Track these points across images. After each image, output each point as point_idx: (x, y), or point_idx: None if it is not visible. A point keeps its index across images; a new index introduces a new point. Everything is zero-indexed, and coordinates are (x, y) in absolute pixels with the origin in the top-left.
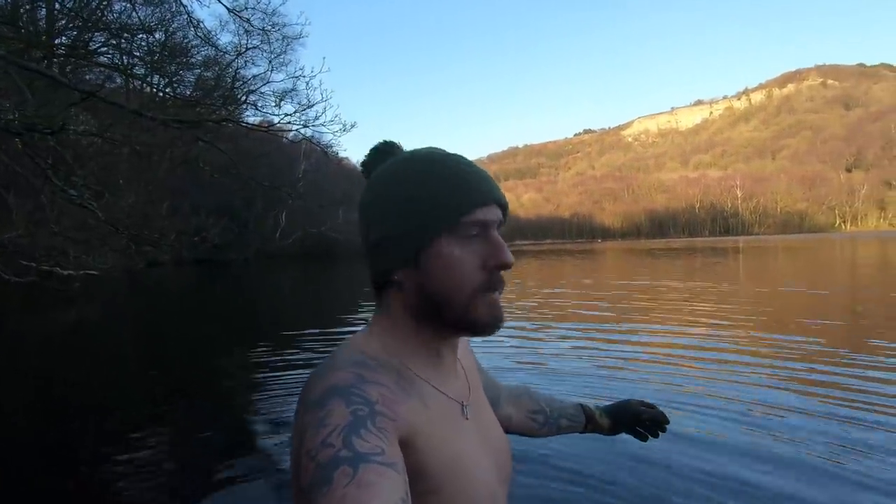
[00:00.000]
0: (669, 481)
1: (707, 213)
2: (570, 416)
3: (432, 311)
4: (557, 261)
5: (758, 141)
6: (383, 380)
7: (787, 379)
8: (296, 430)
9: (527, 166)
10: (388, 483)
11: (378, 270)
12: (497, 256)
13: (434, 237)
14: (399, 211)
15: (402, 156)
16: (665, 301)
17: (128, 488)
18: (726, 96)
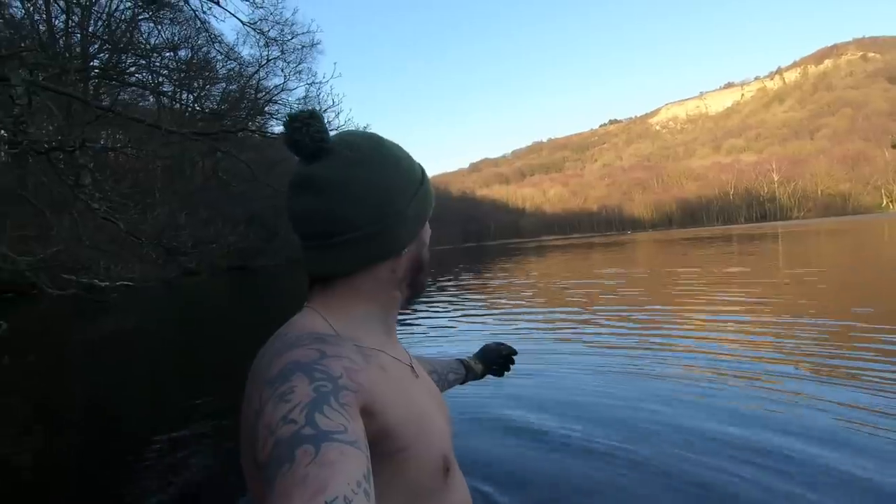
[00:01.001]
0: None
1: (742, 199)
2: (455, 370)
3: (414, 278)
4: (583, 254)
5: (794, 121)
6: (345, 352)
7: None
8: (251, 406)
9: (551, 161)
10: (349, 461)
11: (395, 245)
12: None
13: (431, 210)
14: (416, 189)
15: (368, 134)
16: (703, 287)
17: (156, 490)
18: (758, 77)
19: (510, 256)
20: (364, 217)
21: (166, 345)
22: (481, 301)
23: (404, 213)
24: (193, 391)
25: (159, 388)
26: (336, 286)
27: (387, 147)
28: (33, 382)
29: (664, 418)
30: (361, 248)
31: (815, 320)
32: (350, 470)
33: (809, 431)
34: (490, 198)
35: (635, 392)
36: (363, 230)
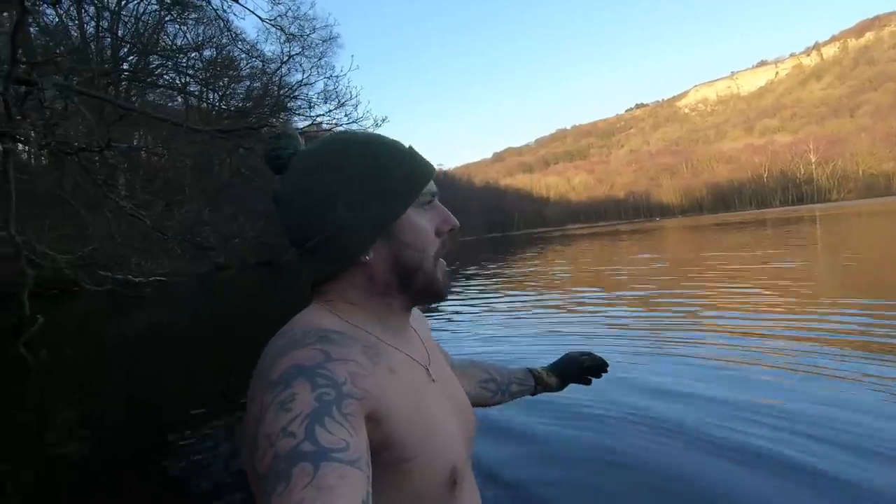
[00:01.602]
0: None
1: (777, 182)
2: (520, 381)
3: (403, 281)
4: (611, 242)
5: (832, 99)
6: (351, 354)
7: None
8: (252, 410)
9: (576, 148)
10: (349, 485)
11: (348, 254)
12: (448, 221)
13: (406, 208)
14: (372, 187)
15: (335, 139)
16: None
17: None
18: (793, 53)
19: (532, 247)
20: (309, 227)
21: (197, 339)
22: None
23: (350, 219)
24: (221, 384)
25: (189, 381)
26: (324, 293)
27: (340, 152)
28: (68, 375)
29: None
30: (318, 258)
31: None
32: (348, 495)
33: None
34: (514, 187)
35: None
36: (313, 240)
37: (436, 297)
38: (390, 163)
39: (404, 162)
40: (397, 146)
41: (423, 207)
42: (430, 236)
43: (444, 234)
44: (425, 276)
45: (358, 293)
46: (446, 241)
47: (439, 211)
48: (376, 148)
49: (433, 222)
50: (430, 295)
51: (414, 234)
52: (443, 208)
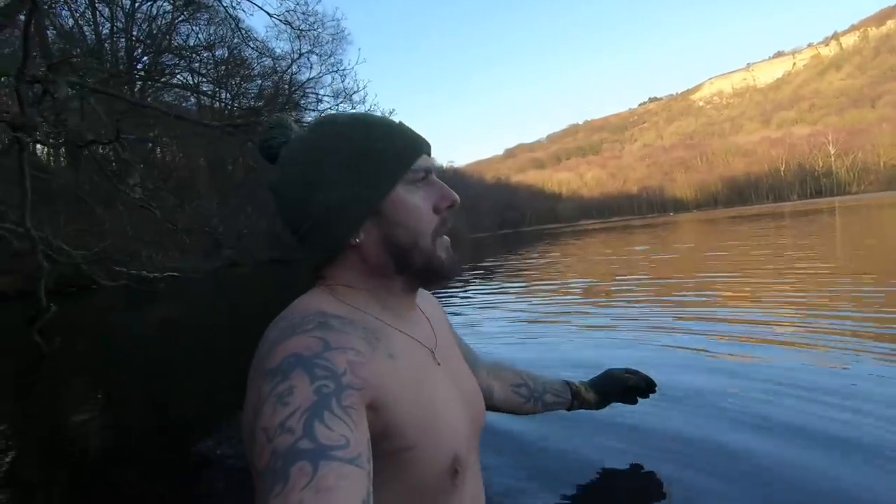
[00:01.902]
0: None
1: (794, 175)
2: (556, 392)
3: (399, 261)
4: (622, 236)
5: (852, 89)
6: (350, 341)
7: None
8: (250, 399)
9: (588, 143)
10: (348, 486)
11: (337, 237)
12: (447, 197)
13: (394, 185)
14: (353, 168)
15: (319, 123)
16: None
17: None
18: (811, 44)
19: (538, 244)
20: (294, 215)
21: (210, 335)
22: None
23: (330, 204)
24: (234, 379)
25: (203, 376)
26: (325, 276)
27: (323, 136)
28: (83, 366)
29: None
30: (310, 243)
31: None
32: (348, 499)
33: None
34: (525, 183)
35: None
36: (302, 226)
37: (439, 277)
38: (374, 141)
39: (390, 139)
40: (383, 123)
41: (416, 184)
42: (424, 214)
43: (442, 210)
44: (423, 256)
45: (355, 276)
46: (446, 219)
47: (436, 187)
48: (359, 127)
49: (429, 199)
50: (432, 275)
51: (405, 213)
52: (440, 184)
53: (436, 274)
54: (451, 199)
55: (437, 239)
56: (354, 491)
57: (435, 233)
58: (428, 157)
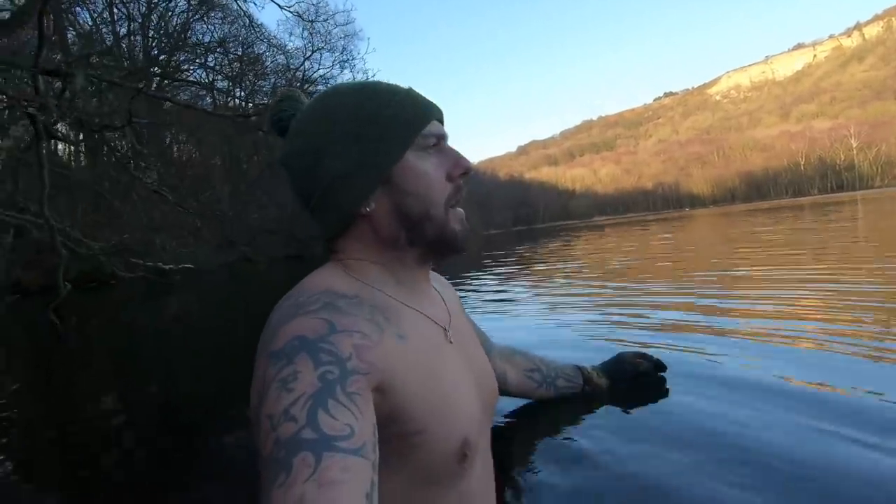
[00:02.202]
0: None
1: (815, 169)
2: (568, 377)
3: (410, 232)
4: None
5: (875, 81)
6: (357, 324)
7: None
8: (255, 381)
9: (602, 139)
10: (352, 480)
11: (347, 206)
12: (461, 164)
13: (403, 152)
14: (361, 136)
15: (327, 93)
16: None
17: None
18: (832, 35)
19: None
20: (304, 186)
21: (225, 328)
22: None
23: (338, 172)
24: (245, 373)
25: (217, 368)
26: (337, 249)
27: (330, 105)
28: (94, 357)
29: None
30: (318, 213)
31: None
32: (352, 491)
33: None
34: (538, 180)
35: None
36: (312, 196)
37: (451, 249)
38: (382, 107)
39: (399, 104)
40: (391, 89)
41: (427, 151)
42: (436, 181)
43: (456, 178)
44: (434, 226)
45: (366, 248)
46: (460, 186)
47: (449, 153)
48: (366, 94)
49: (441, 166)
50: (444, 246)
51: (416, 180)
52: (453, 150)
53: (448, 245)
54: (465, 166)
55: (450, 209)
56: (358, 484)
57: (448, 201)
58: (440, 123)
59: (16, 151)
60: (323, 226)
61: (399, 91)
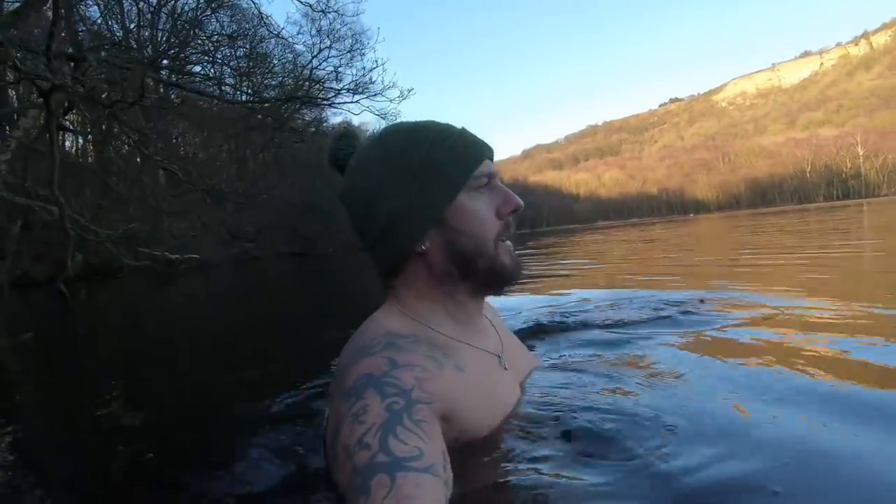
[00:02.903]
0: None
1: (820, 176)
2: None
3: (463, 269)
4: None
5: (883, 90)
6: (416, 359)
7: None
8: (331, 416)
9: (607, 144)
10: (425, 494)
11: (402, 245)
12: (510, 202)
13: (456, 193)
14: (417, 177)
15: (384, 133)
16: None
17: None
18: (840, 43)
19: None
20: (362, 224)
21: (230, 323)
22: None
23: (395, 213)
24: (252, 369)
25: (222, 362)
26: (394, 285)
27: (387, 145)
28: (99, 349)
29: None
30: (376, 250)
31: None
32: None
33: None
34: (543, 184)
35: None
36: (369, 234)
37: (503, 282)
38: (436, 150)
39: (451, 147)
40: (445, 131)
41: (479, 190)
42: (486, 220)
43: (505, 215)
44: (486, 262)
45: (422, 285)
46: (510, 223)
47: (499, 192)
48: (421, 137)
49: (492, 204)
50: (495, 279)
51: (468, 220)
52: (503, 188)
53: (499, 278)
54: (515, 203)
55: (500, 244)
56: (432, 498)
57: (498, 237)
58: (490, 161)
59: (26, 140)
60: (379, 262)
61: (452, 132)
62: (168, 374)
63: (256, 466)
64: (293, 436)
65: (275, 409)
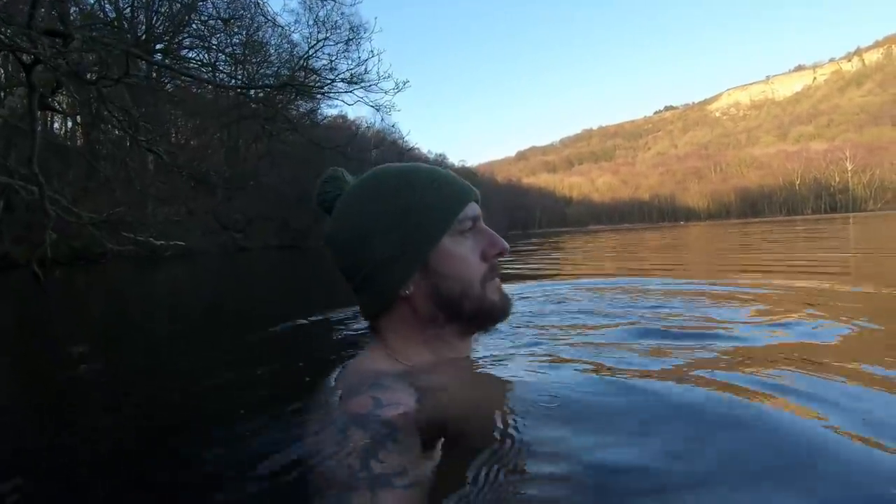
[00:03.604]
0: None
1: (809, 189)
2: None
3: (448, 312)
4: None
5: (873, 106)
6: (401, 398)
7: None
8: (317, 450)
9: (601, 149)
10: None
11: (386, 290)
12: (496, 245)
13: (440, 238)
14: (401, 223)
15: (368, 176)
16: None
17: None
18: (833, 59)
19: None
20: (348, 267)
21: (216, 313)
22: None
23: (379, 258)
24: (237, 362)
25: (205, 353)
26: (379, 325)
27: (374, 190)
28: (76, 333)
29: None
30: (362, 294)
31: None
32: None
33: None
34: (536, 186)
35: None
36: (354, 278)
37: (492, 321)
38: (420, 195)
39: (436, 191)
40: (429, 176)
41: (464, 234)
42: (470, 264)
43: (490, 258)
44: (472, 304)
45: (407, 328)
46: (495, 265)
47: (484, 234)
48: (406, 181)
49: (476, 248)
50: (484, 319)
51: (452, 265)
52: (488, 231)
53: (488, 318)
54: (501, 246)
55: (486, 284)
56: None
57: (484, 279)
58: (476, 203)
59: (12, 119)
60: (365, 305)
61: (437, 178)
62: (141, 357)
63: (224, 462)
64: (267, 430)
65: (250, 400)
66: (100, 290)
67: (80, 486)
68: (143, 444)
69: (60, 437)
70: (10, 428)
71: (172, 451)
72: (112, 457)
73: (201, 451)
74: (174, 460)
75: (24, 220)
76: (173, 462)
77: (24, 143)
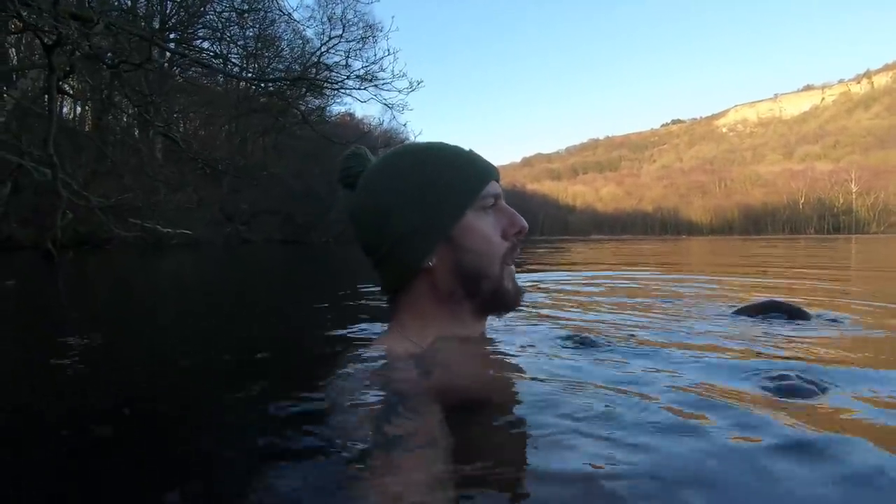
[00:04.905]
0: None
1: (813, 209)
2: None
3: (467, 287)
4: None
5: (880, 129)
6: (413, 376)
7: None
8: (337, 419)
9: (607, 159)
10: (420, 466)
11: (411, 261)
12: (515, 223)
13: (464, 212)
14: (426, 196)
15: (393, 153)
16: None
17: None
18: (842, 80)
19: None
20: (371, 240)
21: (218, 304)
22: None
23: (404, 230)
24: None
25: (207, 342)
26: (397, 302)
27: (397, 165)
28: (80, 317)
29: None
30: (383, 268)
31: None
32: (424, 469)
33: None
34: (540, 192)
35: None
36: (377, 252)
37: (505, 307)
38: (444, 169)
39: (459, 167)
40: (453, 152)
41: (486, 210)
42: (492, 240)
43: (511, 236)
44: (491, 283)
45: (425, 302)
46: (515, 245)
47: (505, 213)
48: (431, 157)
49: (498, 225)
50: (499, 303)
51: (474, 239)
52: (509, 210)
53: (502, 302)
54: (520, 225)
55: (505, 266)
56: (426, 467)
57: (503, 259)
58: (497, 182)
59: (26, 100)
60: (386, 278)
61: (461, 155)
62: (145, 338)
63: (219, 449)
64: (265, 421)
65: (250, 391)
66: (106, 273)
67: (74, 473)
68: (144, 428)
69: (56, 419)
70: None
71: (172, 434)
72: (109, 440)
73: (201, 436)
74: (173, 443)
75: (32, 203)
76: (171, 445)
77: (36, 125)
